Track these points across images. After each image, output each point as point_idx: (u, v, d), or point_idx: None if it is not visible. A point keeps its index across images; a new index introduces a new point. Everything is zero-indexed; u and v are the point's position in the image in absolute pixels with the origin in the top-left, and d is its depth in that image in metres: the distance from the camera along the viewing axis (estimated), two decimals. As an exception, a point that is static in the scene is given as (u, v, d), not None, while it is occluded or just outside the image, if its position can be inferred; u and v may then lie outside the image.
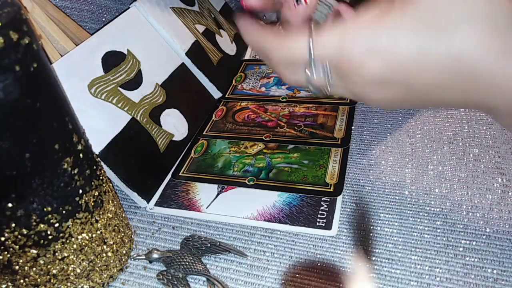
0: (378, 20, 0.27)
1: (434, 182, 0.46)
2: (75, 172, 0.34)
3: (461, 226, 0.41)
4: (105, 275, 0.39)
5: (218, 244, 0.42)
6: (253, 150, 0.52)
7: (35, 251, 0.34)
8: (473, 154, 0.48)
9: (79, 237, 0.36)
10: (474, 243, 0.40)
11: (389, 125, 0.54)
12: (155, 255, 0.41)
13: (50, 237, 0.34)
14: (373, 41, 0.27)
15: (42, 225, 0.33)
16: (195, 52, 0.61)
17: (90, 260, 0.37)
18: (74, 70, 0.44)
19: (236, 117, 0.57)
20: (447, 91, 0.27)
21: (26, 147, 0.31)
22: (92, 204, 0.37)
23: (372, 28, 0.27)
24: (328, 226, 0.42)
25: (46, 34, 0.46)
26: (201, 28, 0.64)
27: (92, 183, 0.37)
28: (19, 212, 0.32)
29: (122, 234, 0.41)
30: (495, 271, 0.37)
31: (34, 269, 0.35)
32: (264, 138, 0.51)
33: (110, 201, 0.39)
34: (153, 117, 0.51)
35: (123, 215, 0.43)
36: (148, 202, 0.48)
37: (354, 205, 0.45)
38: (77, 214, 0.35)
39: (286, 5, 0.34)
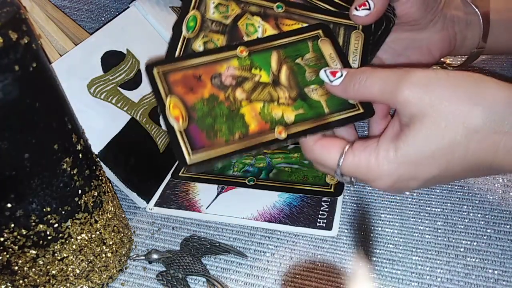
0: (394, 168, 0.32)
1: (435, 182, 0.46)
2: (75, 172, 0.34)
3: (462, 227, 0.41)
4: (105, 276, 0.39)
5: (218, 244, 0.42)
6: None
7: (34, 252, 0.34)
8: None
9: (79, 237, 0.36)
10: (475, 243, 0.40)
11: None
12: (154, 256, 0.41)
13: (49, 237, 0.34)
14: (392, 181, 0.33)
15: (41, 226, 0.33)
16: (195, 52, 0.60)
17: (89, 260, 0.37)
18: (74, 69, 0.44)
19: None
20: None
21: (25, 147, 0.30)
22: (92, 204, 0.36)
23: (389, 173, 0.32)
24: (328, 227, 0.42)
25: (46, 33, 0.45)
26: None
27: (92, 183, 0.37)
28: (18, 213, 0.32)
29: (122, 235, 0.41)
30: (496, 272, 0.37)
31: (34, 269, 0.34)
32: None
33: (110, 202, 0.39)
34: (153, 117, 0.50)
35: (123, 215, 0.43)
36: (147, 202, 0.47)
37: (354, 205, 0.44)
38: (76, 215, 0.35)
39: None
